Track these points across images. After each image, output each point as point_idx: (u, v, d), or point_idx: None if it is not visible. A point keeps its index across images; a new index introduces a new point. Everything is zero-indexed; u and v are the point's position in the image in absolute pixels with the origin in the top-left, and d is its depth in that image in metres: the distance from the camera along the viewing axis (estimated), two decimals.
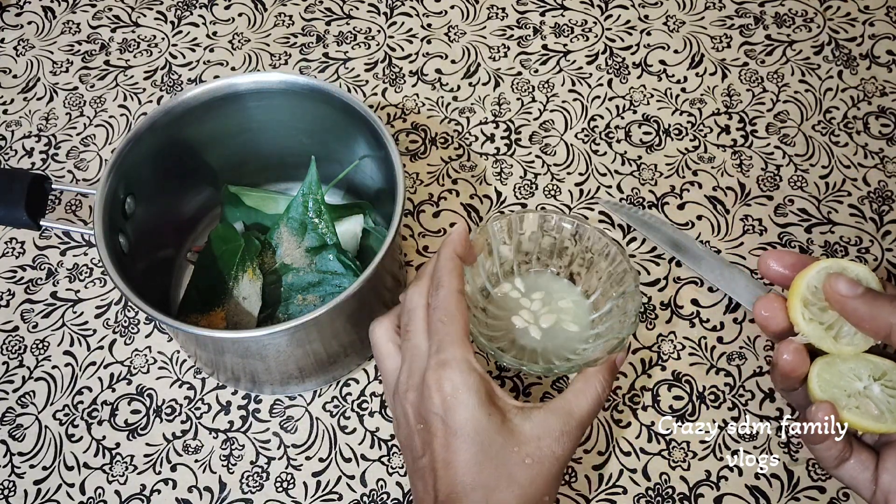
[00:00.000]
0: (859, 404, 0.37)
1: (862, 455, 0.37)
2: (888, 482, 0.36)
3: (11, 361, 0.64)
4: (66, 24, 0.80)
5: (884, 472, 0.36)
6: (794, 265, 0.39)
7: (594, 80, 0.75)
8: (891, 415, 0.36)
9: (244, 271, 0.61)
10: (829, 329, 0.37)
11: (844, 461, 0.37)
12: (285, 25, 0.79)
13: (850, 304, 0.35)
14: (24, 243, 0.69)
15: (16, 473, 0.60)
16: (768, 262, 0.40)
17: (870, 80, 0.74)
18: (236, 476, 0.60)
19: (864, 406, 0.37)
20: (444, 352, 0.41)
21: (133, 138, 0.57)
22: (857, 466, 0.37)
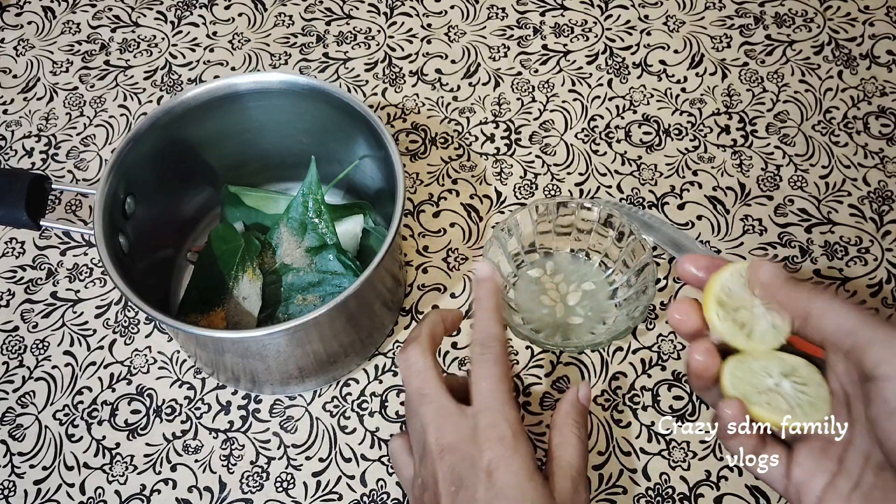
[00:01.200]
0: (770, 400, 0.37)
1: (775, 450, 0.37)
2: (799, 476, 0.36)
3: (11, 361, 0.64)
4: (66, 24, 0.80)
5: (796, 467, 0.36)
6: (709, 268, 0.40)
7: (594, 80, 0.75)
8: (800, 410, 0.37)
9: (244, 271, 0.61)
10: (742, 327, 0.38)
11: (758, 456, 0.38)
12: (285, 25, 0.79)
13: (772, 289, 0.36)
14: (24, 243, 0.69)
15: (16, 473, 0.60)
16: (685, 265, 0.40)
17: (870, 80, 0.74)
18: (236, 476, 0.60)
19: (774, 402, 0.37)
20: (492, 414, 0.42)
21: (133, 138, 0.57)
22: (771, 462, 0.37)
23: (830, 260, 0.66)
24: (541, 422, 0.61)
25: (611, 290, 0.63)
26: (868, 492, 0.35)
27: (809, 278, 0.66)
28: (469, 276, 0.66)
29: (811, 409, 0.37)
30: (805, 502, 0.36)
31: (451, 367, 0.63)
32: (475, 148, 0.72)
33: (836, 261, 0.66)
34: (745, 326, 0.38)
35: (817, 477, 0.36)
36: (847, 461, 0.36)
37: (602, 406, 0.61)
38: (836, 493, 0.35)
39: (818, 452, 0.36)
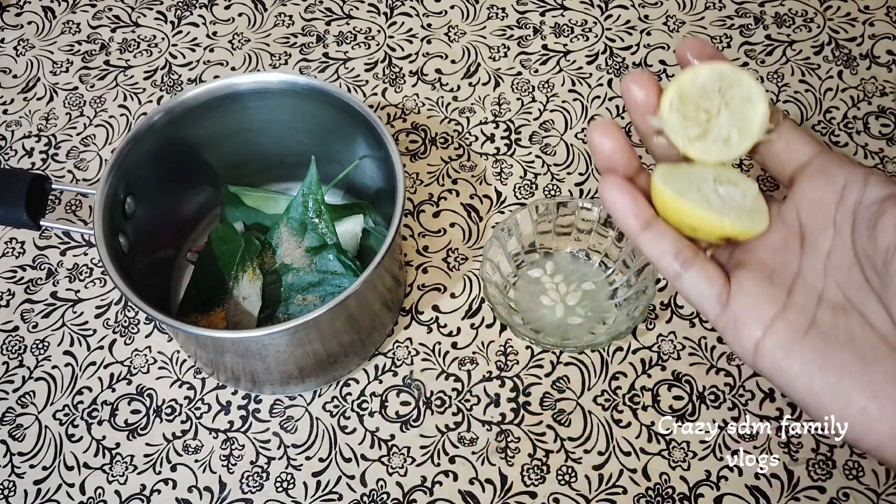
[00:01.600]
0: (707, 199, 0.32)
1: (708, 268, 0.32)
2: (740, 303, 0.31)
3: (11, 361, 0.64)
4: (66, 24, 0.80)
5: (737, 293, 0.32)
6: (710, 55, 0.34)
7: (594, 80, 0.75)
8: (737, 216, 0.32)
9: (244, 271, 0.61)
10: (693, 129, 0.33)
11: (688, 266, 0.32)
12: (285, 25, 0.79)
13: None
14: (24, 243, 0.69)
15: (16, 473, 0.60)
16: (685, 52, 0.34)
17: (870, 80, 0.74)
18: (236, 476, 0.60)
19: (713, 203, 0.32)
20: None
21: (133, 138, 0.57)
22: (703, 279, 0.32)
23: None
24: (541, 422, 0.61)
25: (611, 290, 0.63)
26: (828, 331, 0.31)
27: None
28: (469, 277, 0.66)
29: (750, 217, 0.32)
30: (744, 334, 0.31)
31: (451, 367, 0.63)
32: (475, 148, 0.72)
33: None
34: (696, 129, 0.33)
35: (763, 306, 0.31)
36: (796, 295, 0.31)
37: (602, 406, 0.61)
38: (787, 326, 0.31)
39: (763, 280, 0.32)
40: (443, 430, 0.61)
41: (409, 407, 0.62)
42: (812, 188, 0.32)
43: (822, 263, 0.32)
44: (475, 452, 0.60)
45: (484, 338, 0.64)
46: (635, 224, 0.33)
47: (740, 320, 0.32)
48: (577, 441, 0.60)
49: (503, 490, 0.59)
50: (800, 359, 0.30)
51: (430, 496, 0.59)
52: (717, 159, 0.33)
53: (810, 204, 0.32)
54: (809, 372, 0.30)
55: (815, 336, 0.30)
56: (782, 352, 0.31)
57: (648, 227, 0.33)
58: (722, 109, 0.33)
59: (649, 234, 0.33)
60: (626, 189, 0.32)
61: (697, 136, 0.32)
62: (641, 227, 0.33)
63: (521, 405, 0.62)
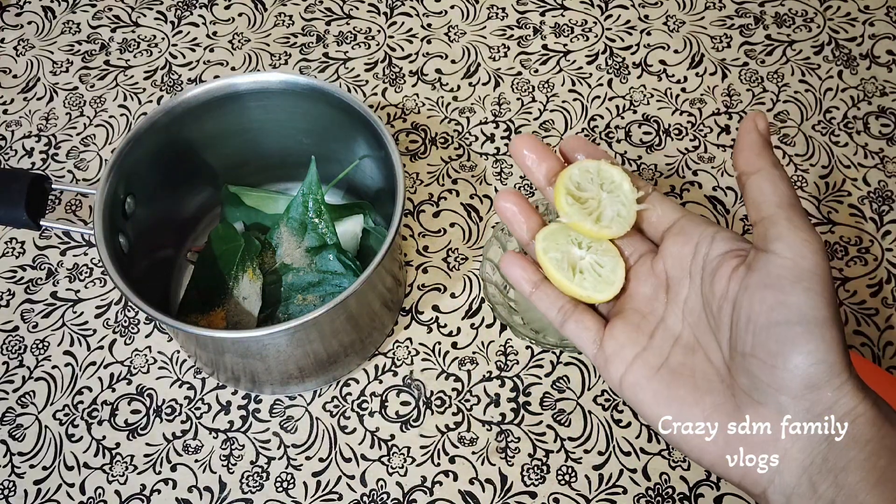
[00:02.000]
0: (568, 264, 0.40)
1: (585, 318, 0.39)
2: (611, 346, 0.38)
3: (11, 361, 0.64)
4: (66, 24, 0.80)
5: (608, 338, 0.38)
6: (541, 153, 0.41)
7: (594, 79, 0.75)
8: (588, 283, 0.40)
9: (244, 271, 0.61)
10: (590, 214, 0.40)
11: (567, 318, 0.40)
12: (285, 25, 0.79)
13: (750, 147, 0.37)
14: (24, 243, 0.69)
15: (16, 473, 0.60)
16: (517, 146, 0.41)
17: (870, 80, 0.74)
18: (236, 476, 0.60)
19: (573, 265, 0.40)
20: None
21: (133, 138, 0.57)
22: (581, 328, 0.39)
23: (830, 260, 0.66)
24: (541, 422, 0.61)
25: None
26: (676, 368, 0.37)
27: None
28: (469, 277, 0.66)
29: (595, 287, 0.39)
30: (612, 370, 0.38)
31: (451, 367, 0.63)
32: (475, 148, 0.72)
33: (836, 261, 0.66)
34: (593, 214, 0.40)
35: (627, 348, 0.38)
36: (656, 338, 0.38)
37: (602, 406, 0.61)
38: (645, 365, 0.37)
39: (631, 327, 0.38)
40: (443, 430, 0.61)
41: (409, 407, 0.62)
42: (674, 244, 0.38)
43: (681, 309, 0.38)
44: (475, 452, 0.60)
45: (484, 338, 0.64)
46: (527, 288, 0.41)
47: (609, 359, 0.38)
48: (577, 441, 0.60)
49: (503, 490, 0.59)
50: (650, 391, 0.37)
51: (430, 496, 0.59)
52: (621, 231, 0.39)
53: (673, 258, 0.38)
54: (658, 402, 0.37)
55: (664, 373, 0.37)
56: (638, 386, 0.37)
57: (537, 288, 0.41)
58: (603, 195, 0.40)
59: (537, 294, 0.41)
60: (519, 262, 0.41)
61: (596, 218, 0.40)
62: (531, 289, 0.41)
63: (521, 405, 0.62)
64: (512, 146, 0.42)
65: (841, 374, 0.33)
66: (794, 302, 0.33)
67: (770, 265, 0.34)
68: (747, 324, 0.34)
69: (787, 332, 0.33)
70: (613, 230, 0.39)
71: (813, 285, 0.33)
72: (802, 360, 0.33)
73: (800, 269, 0.33)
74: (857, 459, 0.32)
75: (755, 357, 0.34)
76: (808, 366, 0.33)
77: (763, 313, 0.34)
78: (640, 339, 0.38)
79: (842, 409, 0.33)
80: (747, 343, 0.34)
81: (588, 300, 0.40)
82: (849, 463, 0.33)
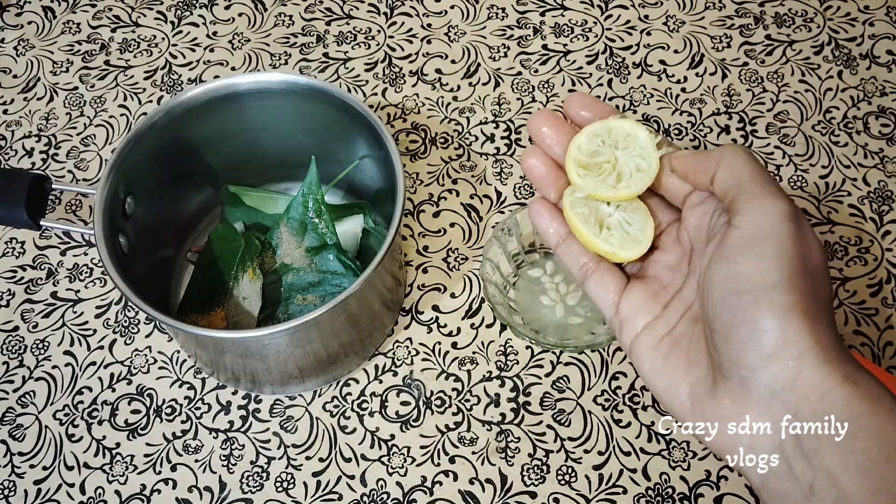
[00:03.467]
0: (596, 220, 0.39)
1: (605, 278, 0.39)
2: (626, 309, 0.38)
3: (11, 361, 0.64)
4: (66, 24, 0.80)
5: (625, 301, 0.38)
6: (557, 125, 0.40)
7: (594, 79, 0.75)
8: (615, 240, 0.38)
9: (244, 271, 0.61)
10: (608, 176, 0.38)
11: (588, 276, 0.39)
12: (285, 25, 0.79)
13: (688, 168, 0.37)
14: (24, 243, 0.69)
15: (16, 473, 0.60)
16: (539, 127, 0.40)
17: (870, 80, 0.74)
18: (236, 476, 0.60)
19: (601, 222, 0.39)
20: None
21: (133, 138, 0.57)
22: (600, 287, 0.39)
23: (830, 260, 0.66)
24: (541, 422, 0.61)
25: None
26: (677, 338, 0.36)
27: None
28: (469, 277, 0.66)
29: (622, 245, 0.38)
30: (625, 335, 0.38)
31: (451, 367, 0.63)
32: (475, 148, 0.72)
33: (836, 261, 0.66)
34: (610, 176, 0.38)
35: (640, 315, 0.38)
36: (670, 308, 0.37)
37: (602, 406, 0.61)
38: (652, 333, 0.37)
39: (649, 294, 0.38)
40: (443, 430, 0.61)
41: (409, 407, 0.62)
42: (694, 215, 0.37)
43: (696, 280, 0.37)
44: (475, 452, 0.60)
45: (484, 338, 0.64)
46: (553, 239, 0.40)
47: (623, 323, 0.38)
48: (577, 441, 0.60)
49: (503, 490, 0.59)
50: (650, 359, 0.37)
51: (430, 496, 0.59)
52: (643, 186, 0.38)
53: (694, 229, 0.37)
54: (655, 370, 0.37)
55: (665, 342, 0.37)
56: (643, 353, 0.37)
57: (563, 241, 0.40)
58: (618, 154, 0.38)
59: (562, 248, 0.40)
60: (547, 212, 0.40)
61: (616, 182, 0.38)
62: (557, 242, 0.40)
63: (521, 405, 0.62)
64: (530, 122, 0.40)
65: (800, 343, 0.31)
66: (744, 271, 0.33)
67: (727, 238, 0.34)
68: (709, 298, 0.34)
69: (738, 303, 0.32)
70: (635, 186, 0.37)
71: (764, 251, 0.32)
72: (750, 329, 0.32)
73: (752, 237, 0.33)
74: (830, 443, 0.31)
75: (715, 331, 0.34)
76: (759, 335, 0.32)
77: (717, 286, 0.34)
78: (655, 308, 0.37)
79: (808, 382, 0.31)
80: (709, 317, 0.34)
81: (614, 258, 0.38)
82: (824, 446, 0.31)
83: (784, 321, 0.32)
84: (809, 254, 0.33)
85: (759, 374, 0.32)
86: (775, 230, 0.32)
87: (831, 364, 0.31)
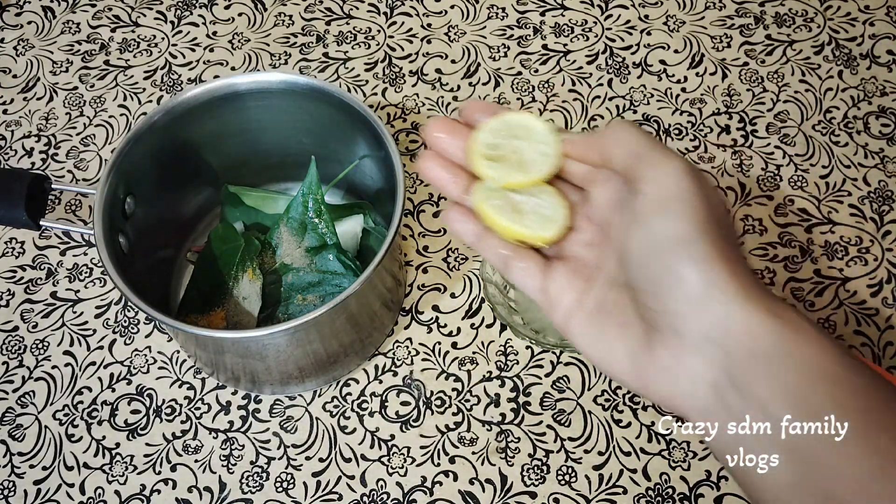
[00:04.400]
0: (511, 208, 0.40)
1: (528, 264, 0.40)
2: (553, 290, 0.39)
3: (11, 361, 0.64)
4: (66, 24, 0.80)
5: (551, 283, 0.39)
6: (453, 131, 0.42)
7: (594, 79, 0.75)
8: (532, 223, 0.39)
9: (244, 271, 0.61)
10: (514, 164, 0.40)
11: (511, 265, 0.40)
12: (285, 25, 0.79)
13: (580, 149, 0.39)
14: (24, 243, 0.69)
15: (16, 473, 0.60)
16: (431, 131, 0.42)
17: (870, 80, 0.74)
18: (236, 476, 0.60)
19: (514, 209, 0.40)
20: None
21: (133, 138, 0.57)
22: (524, 274, 0.40)
23: (830, 260, 0.66)
24: (541, 422, 0.61)
25: None
26: (607, 308, 0.38)
27: (809, 279, 0.66)
28: (469, 277, 0.66)
29: (541, 226, 0.39)
30: (557, 315, 0.39)
31: (451, 367, 0.63)
32: None
33: (836, 261, 0.66)
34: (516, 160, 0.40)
35: (568, 294, 0.39)
36: (595, 282, 0.39)
37: (602, 406, 0.61)
38: (582, 310, 0.38)
39: (573, 273, 0.39)
40: (443, 430, 0.61)
41: (409, 407, 0.62)
42: (601, 192, 0.39)
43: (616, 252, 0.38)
44: (475, 452, 0.60)
45: (484, 338, 0.64)
46: (471, 238, 0.41)
47: (553, 303, 0.39)
48: (577, 441, 0.60)
49: (503, 490, 0.59)
50: (586, 332, 0.38)
51: (430, 496, 0.59)
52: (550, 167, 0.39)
53: (604, 205, 0.39)
54: (592, 342, 0.38)
55: (598, 315, 0.38)
56: (578, 327, 0.38)
57: (480, 239, 0.41)
58: (520, 143, 0.40)
59: (481, 244, 0.41)
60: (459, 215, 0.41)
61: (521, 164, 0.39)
62: (476, 240, 0.41)
63: (521, 405, 0.62)
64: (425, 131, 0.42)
65: (724, 286, 0.33)
66: (658, 231, 0.35)
67: (637, 204, 0.36)
68: (631, 263, 0.36)
69: (659, 260, 0.34)
70: (543, 169, 0.39)
71: (674, 208, 0.34)
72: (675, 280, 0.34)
73: (660, 199, 0.35)
74: (759, 374, 0.33)
75: (642, 290, 0.36)
76: (684, 284, 0.34)
77: (636, 250, 0.36)
78: (580, 285, 0.39)
79: (736, 322, 0.33)
80: (634, 280, 0.36)
81: (534, 240, 0.40)
82: (754, 379, 0.33)
83: (705, 268, 0.33)
84: (713, 204, 0.35)
85: (690, 320, 0.34)
86: (679, 188, 0.35)
87: (755, 302, 0.33)
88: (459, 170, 0.41)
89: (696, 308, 0.34)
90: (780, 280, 0.66)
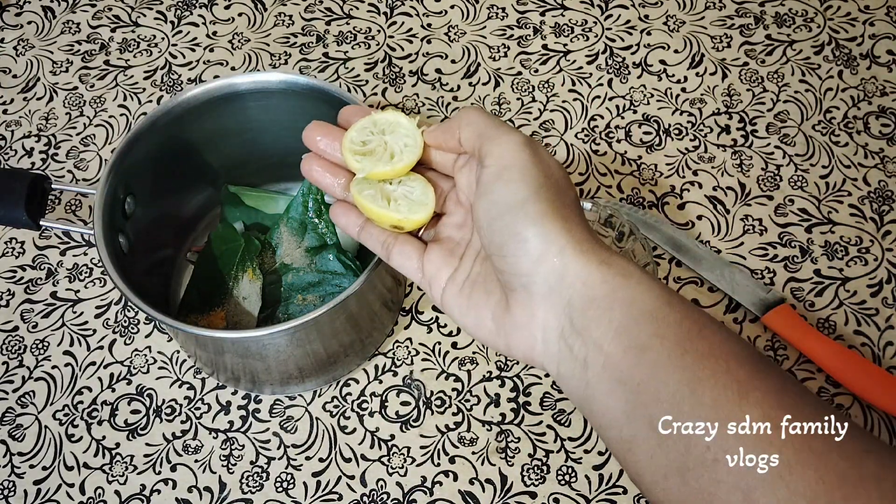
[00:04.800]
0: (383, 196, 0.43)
1: (406, 249, 0.43)
2: (430, 270, 0.42)
3: (11, 361, 0.64)
4: (66, 24, 0.80)
5: (427, 263, 0.43)
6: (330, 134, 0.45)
7: (594, 79, 0.75)
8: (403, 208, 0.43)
9: (244, 271, 0.61)
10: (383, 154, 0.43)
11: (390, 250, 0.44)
12: (285, 25, 0.79)
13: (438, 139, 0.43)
14: (24, 243, 0.69)
15: (16, 473, 0.60)
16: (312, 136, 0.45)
17: (870, 80, 0.74)
18: (236, 476, 0.60)
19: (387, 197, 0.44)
20: None
21: (133, 138, 0.57)
22: (404, 258, 0.43)
23: (830, 260, 0.66)
24: (541, 422, 0.61)
25: None
26: (474, 279, 0.41)
27: (809, 279, 0.66)
28: None
29: (411, 210, 0.43)
30: (434, 292, 0.43)
31: (451, 367, 0.63)
32: None
33: (836, 261, 0.66)
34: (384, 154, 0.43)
35: (442, 271, 0.42)
36: (465, 258, 0.42)
37: None
38: (454, 283, 0.42)
39: (446, 252, 0.43)
40: (443, 430, 0.61)
41: (409, 407, 0.62)
42: (463, 175, 0.43)
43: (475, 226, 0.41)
44: (475, 452, 0.60)
45: None
46: (354, 230, 0.45)
47: (430, 282, 0.43)
48: (577, 441, 0.60)
49: (503, 490, 0.59)
50: (457, 304, 0.42)
51: (430, 496, 0.59)
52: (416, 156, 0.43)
53: (466, 187, 0.43)
54: (463, 311, 0.41)
55: (466, 286, 0.41)
56: (451, 301, 0.42)
57: (362, 230, 0.45)
58: (387, 138, 0.44)
59: (363, 234, 0.45)
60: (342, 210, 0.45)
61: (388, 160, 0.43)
62: (358, 231, 0.45)
63: (521, 405, 0.62)
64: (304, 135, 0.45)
65: (558, 241, 0.37)
66: (499, 197, 0.38)
67: (481, 177, 0.39)
68: (480, 231, 0.39)
69: (501, 224, 0.38)
70: (408, 159, 0.43)
71: (511, 176, 0.38)
72: (517, 241, 0.37)
73: (499, 170, 0.38)
74: (594, 317, 0.36)
75: (493, 255, 0.39)
76: (524, 243, 0.37)
77: (482, 218, 0.39)
78: (453, 262, 0.42)
79: (571, 272, 0.37)
80: (486, 246, 0.39)
81: (407, 224, 0.43)
82: (590, 322, 0.36)
83: (541, 226, 0.37)
84: (549, 169, 0.39)
85: (534, 276, 0.37)
86: (516, 158, 0.38)
87: (587, 254, 0.37)
88: (340, 170, 0.45)
89: (538, 264, 0.37)
90: (780, 280, 0.66)
